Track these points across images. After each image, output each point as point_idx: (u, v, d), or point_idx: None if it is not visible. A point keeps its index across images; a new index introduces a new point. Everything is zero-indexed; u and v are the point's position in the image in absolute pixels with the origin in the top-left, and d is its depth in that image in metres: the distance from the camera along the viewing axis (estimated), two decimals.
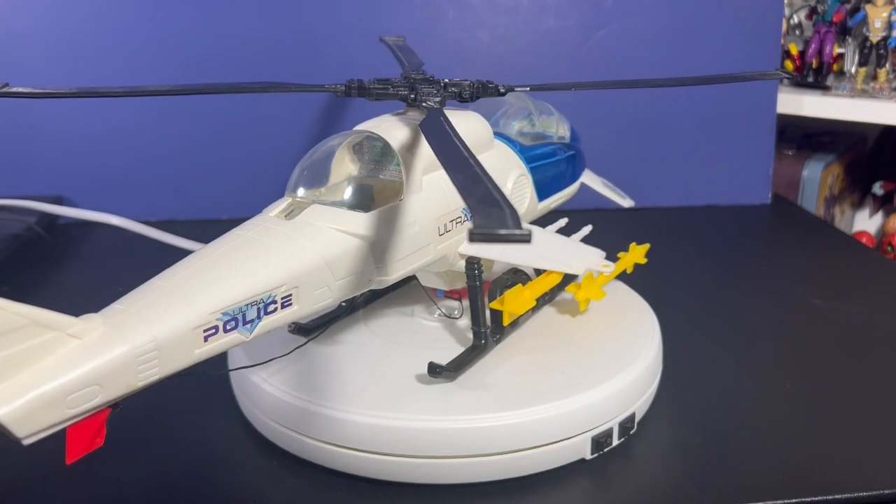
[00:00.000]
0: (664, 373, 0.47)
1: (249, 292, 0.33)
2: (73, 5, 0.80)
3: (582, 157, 0.58)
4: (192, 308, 0.32)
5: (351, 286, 0.38)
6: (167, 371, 0.32)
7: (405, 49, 0.57)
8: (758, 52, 0.86)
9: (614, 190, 0.61)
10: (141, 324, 0.30)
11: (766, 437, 0.44)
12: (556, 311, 0.50)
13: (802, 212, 0.91)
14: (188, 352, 0.32)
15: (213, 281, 0.33)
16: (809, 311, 0.62)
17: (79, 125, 0.83)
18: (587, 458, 0.41)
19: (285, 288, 0.35)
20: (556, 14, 0.84)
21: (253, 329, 0.34)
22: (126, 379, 0.30)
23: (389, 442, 0.39)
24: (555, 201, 0.54)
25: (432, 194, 0.42)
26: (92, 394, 0.29)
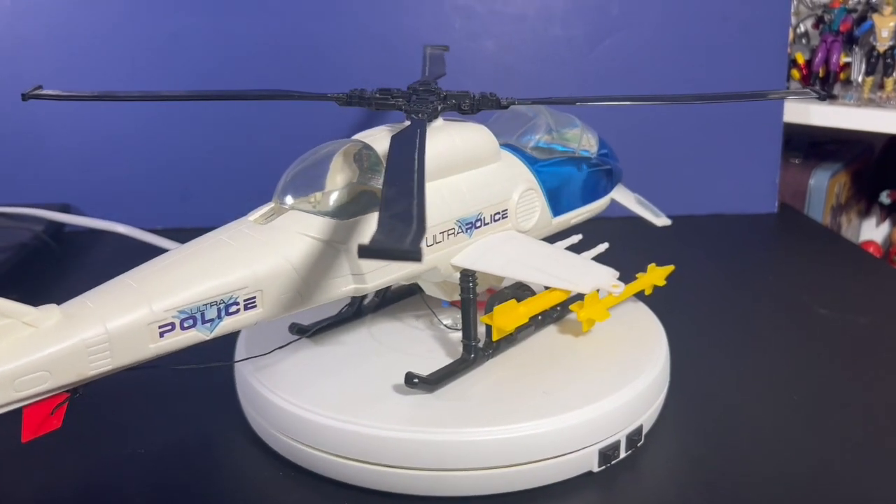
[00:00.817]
0: (671, 384, 0.47)
1: (209, 292, 0.34)
2: (81, 14, 0.81)
3: (613, 172, 0.56)
4: (148, 305, 0.33)
5: (324, 292, 0.38)
6: (121, 363, 0.33)
7: (437, 59, 0.57)
8: (764, 62, 0.86)
9: (648, 207, 0.58)
10: (95, 316, 0.32)
11: (773, 449, 0.44)
12: (563, 322, 0.50)
13: (809, 221, 0.91)
14: (143, 346, 0.33)
15: (172, 280, 0.34)
16: (816, 321, 0.61)
17: (85, 134, 0.83)
18: (594, 470, 0.41)
19: (248, 290, 0.36)
20: (563, 23, 0.84)
21: (213, 328, 0.35)
22: (76, 367, 0.32)
23: (396, 454, 0.38)
24: (575, 217, 0.53)
25: None
26: (40, 379, 0.31)
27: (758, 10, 0.85)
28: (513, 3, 0.83)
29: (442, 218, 0.43)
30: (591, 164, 0.53)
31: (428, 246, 0.42)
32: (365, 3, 0.83)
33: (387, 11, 0.83)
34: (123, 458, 0.43)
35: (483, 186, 0.45)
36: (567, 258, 0.46)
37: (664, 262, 0.53)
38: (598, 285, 0.44)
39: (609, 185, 0.56)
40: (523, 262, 0.44)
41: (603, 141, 0.56)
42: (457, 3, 0.83)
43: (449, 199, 0.43)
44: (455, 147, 0.44)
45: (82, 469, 0.43)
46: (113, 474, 0.42)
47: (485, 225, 0.45)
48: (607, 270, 0.45)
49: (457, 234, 0.44)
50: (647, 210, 0.57)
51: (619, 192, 0.57)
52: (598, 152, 0.55)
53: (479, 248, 0.45)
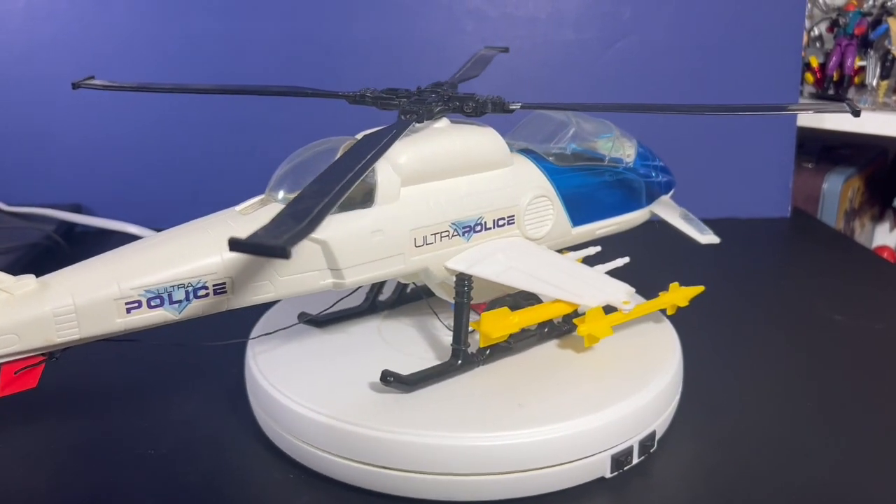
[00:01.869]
0: (684, 390, 0.47)
1: (177, 275, 0.36)
2: (93, 16, 0.81)
3: (654, 184, 0.53)
4: (117, 282, 0.35)
5: (298, 285, 0.39)
6: (89, 333, 0.36)
7: (480, 61, 0.57)
8: (778, 65, 0.86)
9: (694, 223, 0.54)
10: (64, 288, 0.35)
11: (788, 458, 0.43)
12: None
13: (822, 225, 0.90)
14: (109, 320, 0.36)
15: (144, 260, 0.37)
16: (830, 327, 0.61)
17: (97, 135, 0.83)
18: (607, 476, 0.41)
19: (217, 276, 0.37)
20: (575, 26, 0.84)
21: (182, 310, 0.37)
22: (43, 333, 0.35)
23: (407, 458, 0.38)
24: (601, 228, 0.51)
25: (411, 205, 0.42)
26: (9, 341, 0.34)
27: (771, 14, 0.85)
28: (524, 6, 0.83)
29: (434, 220, 0.42)
30: (624, 173, 0.51)
31: (417, 247, 0.42)
32: (377, 7, 0.83)
33: (399, 15, 0.83)
34: (134, 458, 0.43)
35: (485, 190, 0.44)
36: (576, 270, 0.45)
37: (675, 266, 0.53)
38: (605, 300, 0.43)
39: (647, 196, 0.53)
40: (524, 270, 0.43)
41: (646, 151, 0.54)
42: (468, 6, 0.83)
43: (443, 202, 0.43)
44: (454, 149, 0.44)
45: (93, 470, 0.42)
46: (123, 475, 0.42)
47: (486, 230, 0.45)
48: (619, 286, 0.44)
49: (452, 237, 0.43)
50: (691, 226, 0.53)
51: (662, 205, 0.54)
52: (637, 162, 0.52)
53: (478, 253, 0.44)
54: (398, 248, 0.41)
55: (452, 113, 0.45)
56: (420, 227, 0.42)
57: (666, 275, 0.51)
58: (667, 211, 0.54)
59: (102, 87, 0.51)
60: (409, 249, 0.42)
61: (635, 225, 0.53)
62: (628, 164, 0.52)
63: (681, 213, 0.54)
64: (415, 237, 0.42)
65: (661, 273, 0.52)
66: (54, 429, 0.46)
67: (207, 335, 0.43)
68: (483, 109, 0.44)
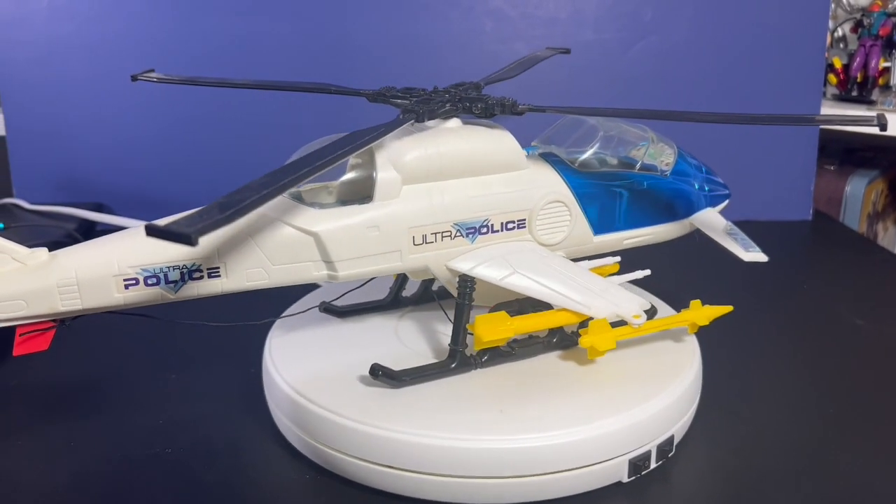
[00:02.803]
0: (703, 394, 0.46)
1: (172, 257, 0.38)
2: (111, 16, 0.82)
3: (695, 195, 0.51)
4: (116, 259, 0.38)
5: (292, 274, 0.41)
6: (90, 304, 0.38)
7: (526, 62, 0.57)
8: (801, 66, 0.85)
9: (738, 239, 0.49)
10: (70, 262, 0.38)
11: (808, 465, 0.43)
12: None
13: (844, 228, 0.89)
14: (108, 294, 0.38)
15: (143, 241, 0.37)
16: (852, 332, 0.60)
17: (119, 136, 0.84)
18: (624, 480, 0.40)
19: (211, 260, 0.39)
20: (595, 26, 0.83)
21: (177, 289, 0.39)
22: (48, 302, 0.38)
23: (425, 460, 0.38)
24: (629, 238, 0.49)
25: (411, 204, 0.42)
26: (18, 307, 0.37)
27: (794, 14, 0.84)
28: (544, 6, 0.82)
29: (435, 219, 0.42)
30: (658, 182, 0.49)
31: (416, 245, 0.42)
32: (395, 7, 0.83)
33: (418, 14, 0.83)
34: (150, 457, 0.43)
35: (493, 193, 0.44)
36: (587, 279, 0.43)
37: (695, 269, 0.52)
38: (614, 312, 0.41)
39: (685, 208, 0.50)
40: (529, 276, 0.42)
41: (690, 160, 0.51)
42: (488, 6, 0.82)
43: (446, 202, 0.43)
44: (460, 150, 0.43)
45: (110, 467, 0.43)
46: (140, 473, 0.42)
47: (493, 232, 0.44)
48: (632, 299, 0.42)
49: (454, 238, 0.43)
50: (735, 242, 0.49)
51: (704, 218, 0.51)
52: (676, 170, 0.50)
53: (482, 255, 0.44)
54: (395, 245, 0.42)
55: (463, 114, 0.45)
56: (419, 225, 0.42)
57: (686, 280, 0.51)
58: (709, 224, 0.50)
59: (157, 80, 0.54)
60: (406, 247, 0.42)
61: (672, 237, 0.51)
62: (664, 172, 0.49)
63: (725, 228, 0.50)
64: (413, 235, 0.42)
65: (680, 277, 0.52)
66: (73, 426, 0.47)
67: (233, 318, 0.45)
68: (491, 111, 0.44)
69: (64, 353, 0.57)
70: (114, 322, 0.63)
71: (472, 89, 0.47)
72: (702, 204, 0.51)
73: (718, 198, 0.53)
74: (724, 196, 0.53)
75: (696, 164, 0.52)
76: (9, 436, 0.46)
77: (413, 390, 0.42)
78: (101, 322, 0.62)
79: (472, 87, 0.47)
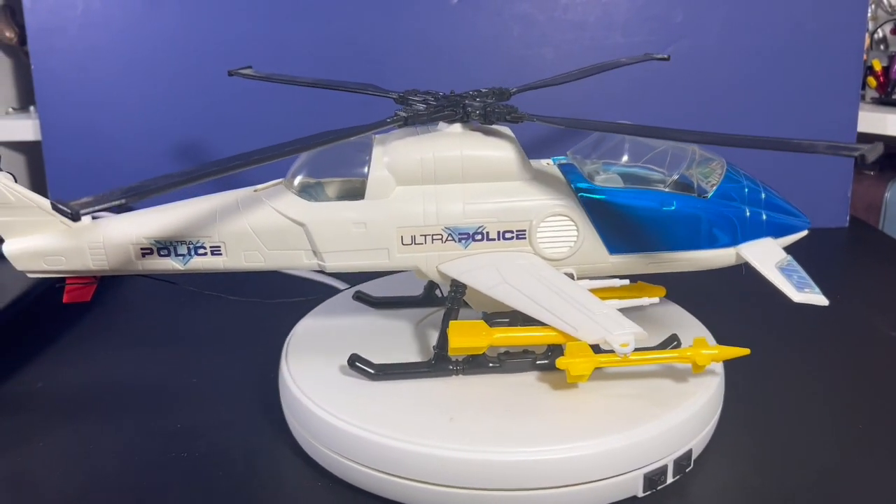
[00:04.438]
0: (725, 408, 0.45)
1: (181, 233, 0.44)
2: (144, 23, 0.83)
3: (744, 221, 0.45)
4: (135, 230, 0.44)
5: (285, 260, 0.44)
6: (114, 266, 0.44)
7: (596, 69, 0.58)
8: (838, 70, 0.83)
9: (792, 275, 0.43)
10: (101, 229, 0.44)
11: (836, 484, 0.41)
12: None
13: (883, 236, 0.87)
14: (128, 259, 0.44)
15: (161, 217, 0.44)
16: (887, 344, 0.58)
17: (148, 137, 0.85)
18: (639, 495, 0.39)
19: (213, 240, 0.44)
20: (624, 30, 0.82)
21: (186, 262, 0.44)
22: (81, 260, 0.44)
23: (437, 471, 0.38)
24: (653, 262, 0.45)
25: (403, 205, 0.43)
26: (59, 261, 0.44)
27: (831, 15, 0.82)
28: (573, 9, 0.82)
29: (425, 222, 0.43)
30: (694, 203, 0.44)
31: (404, 245, 0.44)
32: (423, 11, 0.82)
33: (444, 17, 0.82)
34: (167, 461, 0.44)
35: (489, 201, 0.44)
36: (582, 299, 0.42)
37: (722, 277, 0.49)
38: (601, 338, 0.40)
39: (731, 235, 0.45)
40: (519, 288, 0.42)
41: (741, 181, 0.46)
42: (515, 10, 0.82)
43: (438, 205, 0.43)
44: (455, 156, 0.43)
45: (127, 470, 0.43)
46: (155, 477, 0.43)
47: (489, 240, 0.44)
48: (625, 326, 0.40)
49: (445, 242, 0.44)
50: (786, 280, 0.43)
51: (756, 248, 0.45)
52: (720, 192, 0.45)
53: (475, 262, 0.44)
54: (382, 243, 0.43)
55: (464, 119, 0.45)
56: (408, 226, 0.43)
57: (710, 283, 0.49)
58: (760, 257, 0.44)
59: (252, 77, 0.60)
60: (395, 246, 0.43)
61: (711, 266, 0.46)
62: (704, 193, 0.45)
63: (780, 262, 0.44)
64: (402, 235, 0.43)
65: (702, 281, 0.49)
66: (94, 429, 0.47)
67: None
68: (492, 119, 0.44)
69: (88, 356, 0.58)
70: (137, 327, 0.64)
71: (491, 95, 0.46)
72: (756, 233, 0.46)
73: (784, 228, 0.47)
74: (794, 227, 0.47)
75: (752, 186, 0.46)
76: (31, 437, 0.46)
77: (428, 401, 0.42)
78: (125, 326, 0.63)
79: (491, 93, 0.46)
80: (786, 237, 0.47)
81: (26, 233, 0.44)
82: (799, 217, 0.48)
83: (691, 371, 0.44)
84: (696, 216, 0.45)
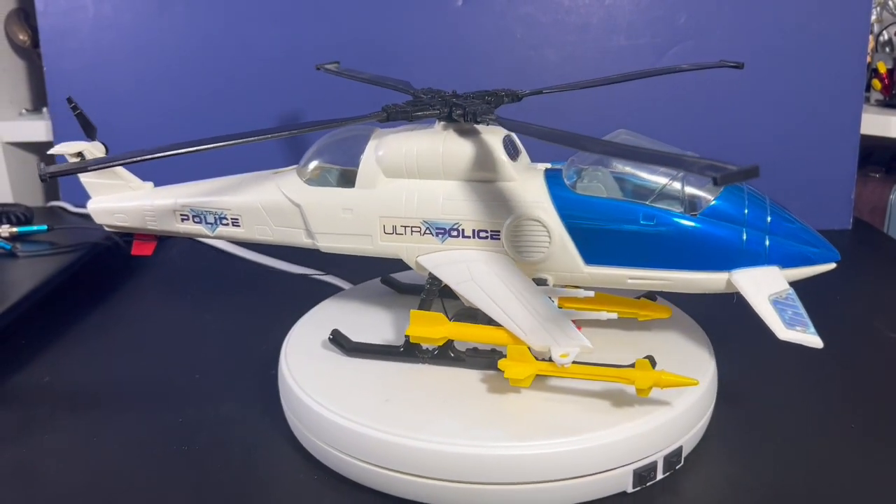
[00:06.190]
0: (718, 406, 0.46)
1: (208, 204, 0.51)
2: (155, 26, 0.84)
3: (740, 245, 0.41)
4: (175, 198, 0.52)
5: (287, 236, 0.49)
6: (162, 228, 0.53)
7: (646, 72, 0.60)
8: (841, 71, 0.83)
9: (785, 310, 0.40)
10: (153, 195, 0.53)
11: (828, 484, 0.41)
12: (608, 334, 0.49)
13: (886, 238, 0.86)
14: (171, 223, 0.52)
15: (197, 189, 0.52)
16: (885, 346, 0.58)
17: (158, 140, 0.86)
18: (628, 491, 0.40)
19: (233, 212, 0.50)
20: (628, 32, 0.83)
21: (214, 230, 0.51)
22: (137, 219, 0.53)
23: (430, 465, 0.39)
24: (632, 277, 0.43)
25: (386, 196, 0.46)
26: (123, 218, 0.53)
27: (834, 17, 0.82)
28: (576, 11, 0.82)
29: (405, 213, 0.45)
30: (678, 220, 0.42)
31: (386, 233, 0.46)
32: (428, 13, 0.83)
33: (448, 18, 0.83)
34: (170, 453, 0.45)
35: (466, 199, 0.44)
36: (537, 305, 0.42)
37: None
38: (544, 345, 0.40)
39: (722, 259, 0.42)
40: (482, 288, 0.43)
41: (743, 201, 0.42)
42: (518, 12, 0.82)
43: (417, 200, 0.45)
44: (434, 153, 0.45)
45: (129, 461, 0.44)
46: (157, 467, 0.44)
47: (464, 237, 0.45)
48: (572, 338, 0.40)
49: (423, 234, 0.46)
50: (776, 314, 0.40)
51: (751, 276, 0.41)
52: (712, 210, 0.42)
53: (448, 257, 0.45)
54: (366, 229, 0.46)
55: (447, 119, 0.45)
56: (390, 216, 0.46)
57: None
58: (752, 285, 0.41)
59: (338, 73, 0.65)
60: (377, 234, 0.46)
61: (698, 290, 0.43)
62: (694, 211, 0.42)
63: (776, 294, 0.41)
64: (384, 224, 0.46)
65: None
66: (97, 422, 0.49)
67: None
68: (474, 119, 0.44)
69: (94, 352, 0.59)
70: (141, 325, 0.65)
71: (484, 95, 0.47)
72: (753, 259, 0.42)
73: (795, 258, 0.42)
74: (809, 258, 0.42)
75: (757, 207, 0.42)
76: (37, 430, 0.48)
77: (421, 398, 0.42)
78: (129, 324, 0.64)
79: (490, 95, 0.47)
80: (798, 268, 0.43)
81: (104, 193, 0.54)
82: (819, 247, 0.43)
83: (684, 367, 0.44)
84: (678, 235, 0.42)
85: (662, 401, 0.41)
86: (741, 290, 0.41)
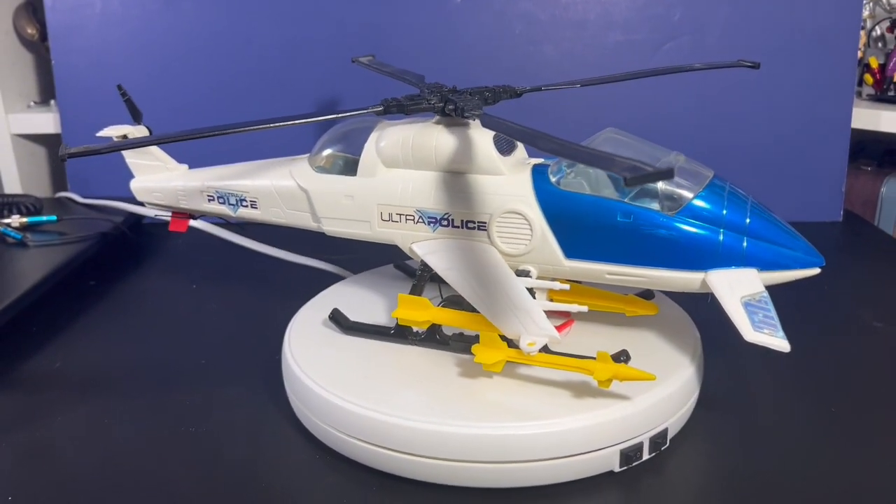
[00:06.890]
0: (704, 390, 0.47)
1: (229, 187, 0.54)
2: (163, 23, 0.86)
3: (717, 246, 0.42)
4: (203, 181, 0.55)
5: (298, 219, 0.52)
6: (191, 207, 0.57)
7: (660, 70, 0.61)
8: (833, 66, 0.84)
9: (756, 312, 0.41)
10: (185, 177, 0.56)
11: (808, 465, 0.43)
12: (598, 320, 0.50)
13: (876, 231, 0.88)
14: (199, 203, 0.56)
15: (222, 172, 0.55)
16: (868, 334, 0.60)
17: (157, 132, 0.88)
18: (615, 470, 0.42)
19: (250, 195, 0.53)
20: (624, 28, 0.84)
21: (235, 211, 0.55)
22: (171, 199, 0.57)
23: (423, 444, 0.41)
24: (610, 273, 0.44)
25: (385, 184, 0.48)
26: (159, 197, 0.57)
27: (826, 13, 0.83)
28: (573, 8, 0.84)
29: (400, 202, 0.48)
30: (654, 218, 0.42)
31: (383, 220, 0.49)
32: (427, 10, 0.85)
33: (448, 15, 0.85)
34: (178, 434, 0.47)
35: (456, 191, 0.46)
36: (514, 295, 0.44)
37: None
38: (514, 333, 0.43)
39: (697, 259, 0.42)
40: (465, 276, 0.45)
41: (722, 201, 0.43)
42: (517, 9, 0.84)
43: (412, 189, 0.47)
44: (427, 145, 0.47)
45: (138, 443, 0.46)
46: (165, 449, 0.45)
47: (454, 227, 0.47)
48: (541, 327, 0.42)
49: (416, 223, 0.48)
50: (745, 316, 0.41)
51: (727, 277, 0.42)
52: (688, 210, 0.42)
53: (439, 245, 0.47)
54: (365, 215, 0.49)
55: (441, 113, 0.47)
56: (387, 204, 0.48)
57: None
58: (725, 286, 0.42)
59: (368, 66, 0.66)
60: (375, 220, 0.49)
61: (675, 289, 0.44)
62: (671, 210, 0.42)
63: (749, 297, 0.41)
64: (381, 211, 0.48)
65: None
66: (107, 406, 0.50)
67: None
68: (462, 113, 0.44)
69: (104, 338, 0.61)
70: (149, 312, 0.67)
71: (483, 91, 0.48)
72: (730, 260, 0.42)
73: (774, 261, 0.43)
74: (788, 262, 0.43)
75: (736, 208, 0.43)
76: (50, 413, 0.50)
77: (418, 381, 0.44)
78: (138, 311, 0.66)
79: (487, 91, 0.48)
80: (778, 272, 0.43)
81: (146, 173, 0.58)
82: (801, 252, 0.43)
83: (670, 352, 0.46)
84: (653, 233, 0.42)
85: (648, 385, 0.43)
86: (714, 291, 0.42)
